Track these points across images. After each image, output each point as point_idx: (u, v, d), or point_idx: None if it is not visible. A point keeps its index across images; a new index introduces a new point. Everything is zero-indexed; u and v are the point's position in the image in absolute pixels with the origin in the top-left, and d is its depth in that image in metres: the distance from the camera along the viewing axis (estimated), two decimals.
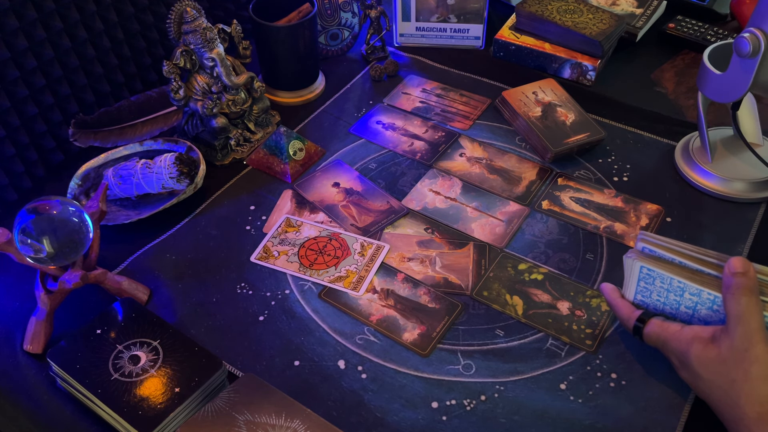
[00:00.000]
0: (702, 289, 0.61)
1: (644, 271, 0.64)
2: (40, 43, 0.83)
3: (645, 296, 0.65)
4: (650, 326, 0.64)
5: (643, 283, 0.65)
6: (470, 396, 0.66)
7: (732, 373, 0.57)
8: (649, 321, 0.64)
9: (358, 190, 0.88)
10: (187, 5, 0.84)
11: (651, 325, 0.64)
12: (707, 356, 0.58)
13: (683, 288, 0.62)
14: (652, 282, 0.64)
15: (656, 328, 0.63)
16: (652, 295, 0.65)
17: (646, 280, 0.64)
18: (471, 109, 1.00)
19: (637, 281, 0.65)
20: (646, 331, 0.64)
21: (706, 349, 0.58)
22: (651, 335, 0.64)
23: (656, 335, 0.63)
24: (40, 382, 0.68)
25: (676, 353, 0.61)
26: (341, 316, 0.74)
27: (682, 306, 0.63)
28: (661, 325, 0.63)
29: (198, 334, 0.72)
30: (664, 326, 0.63)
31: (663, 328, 0.63)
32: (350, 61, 1.11)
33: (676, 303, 0.63)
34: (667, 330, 0.62)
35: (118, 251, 0.80)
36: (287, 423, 0.59)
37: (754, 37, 0.73)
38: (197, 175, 0.84)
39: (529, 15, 1.05)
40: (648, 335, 0.64)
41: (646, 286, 0.65)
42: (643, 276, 0.64)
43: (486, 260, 0.79)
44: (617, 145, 0.93)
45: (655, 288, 0.64)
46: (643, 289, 0.65)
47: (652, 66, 1.07)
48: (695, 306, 0.62)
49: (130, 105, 0.92)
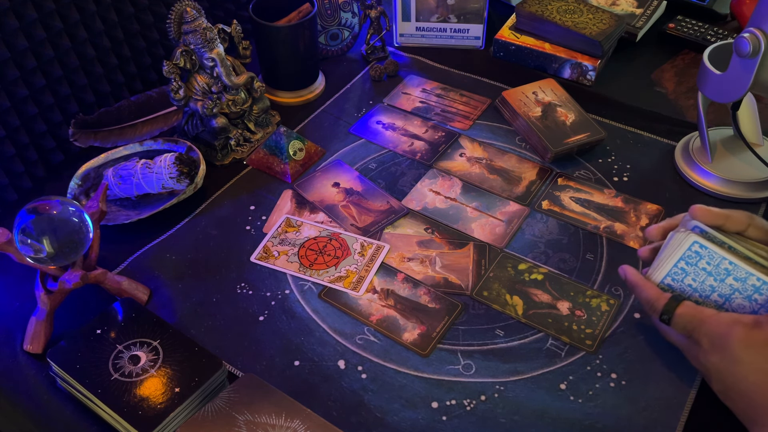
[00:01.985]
0: (752, 273, 0.59)
1: (694, 248, 0.61)
2: (40, 43, 0.83)
3: (676, 278, 0.63)
4: (684, 307, 0.62)
5: (683, 263, 0.62)
6: (470, 396, 0.66)
7: None
8: (682, 302, 0.62)
9: (358, 190, 0.88)
10: (187, 5, 0.84)
11: (685, 306, 0.62)
12: (753, 339, 0.57)
13: (729, 272, 0.60)
14: (695, 262, 0.62)
15: (691, 309, 0.61)
16: (686, 278, 0.63)
17: (689, 260, 0.62)
18: (471, 109, 1.00)
19: (677, 260, 0.62)
20: (680, 311, 0.62)
21: (751, 332, 0.57)
22: (684, 316, 0.61)
23: (690, 316, 0.61)
24: (40, 382, 0.68)
25: (712, 336, 0.60)
26: (341, 316, 0.74)
27: (714, 293, 0.62)
28: (695, 307, 0.61)
29: (198, 334, 0.72)
30: (698, 308, 0.61)
31: (698, 311, 0.61)
32: (350, 61, 1.11)
33: (710, 289, 0.62)
34: (702, 312, 0.61)
35: (118, 251, 0.81)
36: (287, 423, 0.59)
37: (754, 37, 0.73)
38: (197, 175, 0.84)
39: (529, 15, 1.05)
40: (681, 315, 0.62)
41: (685, 266, 0.62)
42: (689, 255, 0.62)
43: (486, 260, 0.79)
44: (617, 145, 0.93)
45: (694, 270, 0.62)
46: (679, 270, 0.63)
47: (652, 66, 1.07)
48: (731, 294, 0.61)
49: (130, 105, 0.92)
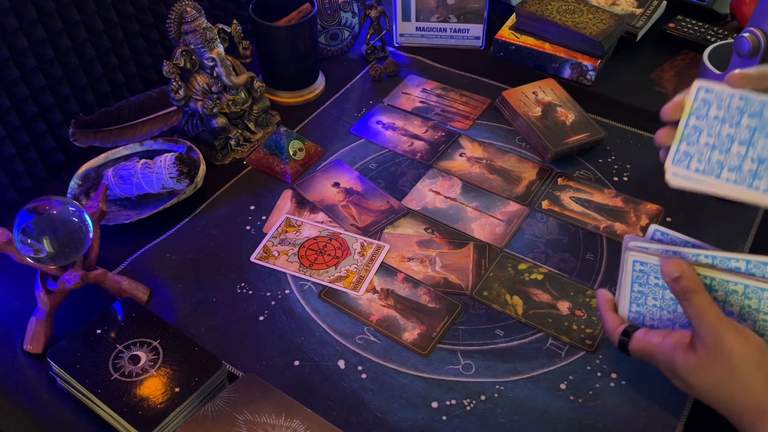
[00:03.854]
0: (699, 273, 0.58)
1: (637, 267, 0.62)
2: (40, 43, 0.83)
3: (640, 304, 0.63)
4: (634, 341, 0.61)
5: (636, 285, 0.63)
6: (470, 396, 0.66)
7: (717, 373, 0.56)
8: (633, 335, 0.61)
9: (358, 190, 0.88)
10: (187, 5, 0.84)
11: (634, 340, 0.61)
12: (690, 364, 0.57)
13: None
14: (645, 281, 0.62)
15: (640, 342, 0.61)
16: (648, 299, 0.63)
17: (639, 281, 0.62)
18: (471, 109, 1.00)
19: (630, 285, 0.63)
20: (631, 347, 0.61)
21: (686, 357, 0.57)
22: (636, 350, 0.61)
23: (641, 349, 0.61)
24: (40, 382, 0.68)
25: (663, 364, 0.60)
26: (341, 316, 0.74)
27: (678, 305, 0.62)
28: (643, 339, 0.61)
29: (198, 334, 0.72)
30: (646, 339, 0.60)
31: (646, 341, 0.60)
32: (350, 61, 1.11)
33: (672, 302, 0.62)
34: (650, 342, 0.60)
35: (118, 251, 0.81)
36: (287, 423, 0.59)
37: (754, 37, 0.73)
38: (197, 175, 0.84)
39: (529, 15, 1.05)
40: (634, 351, 0.61)
41: (641, 289, 0.63)
42: (637, 276, 0.62)
43: (486, 260, 0.79)
44: (617, 145, 0.93)
45: (650, 288, 0.62)
46: (638, 294, 0.63)
47: (652, 66, 1.07)
48: None
49: (130, 105, 0.92)
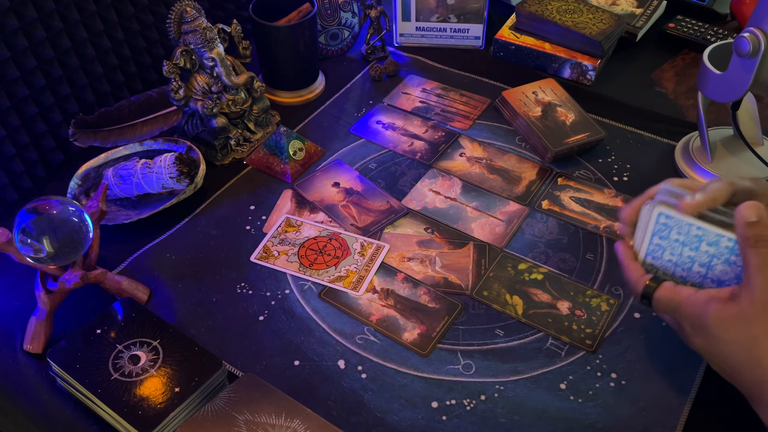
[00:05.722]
0: (722, 234, 0.58)
1: (661, 220, 0.60)
2: (40, 43, 0.83)
3: (656, 257, 0.62)
4: (662, 290, 0.59)
5: (656, 238, 0.61)
6: (470, 396, 0.66)
7: (755, 329, 0.53)
8: (661, 284, 0.60)
9: (358, 190, 0.88)
10: (187, 5, 0.84)
11: (663, 288, 0.59)
12: (727, 315, 0.55)
13: (701, 238, 0.59)
14: (667, 235, 0.61)
15: (668, 292, 0.59)
16: (665, 254, 0.62)
17: (661, 234, 0.61)
18: (471, 109, 1.00)
19: (651, 236, 0.61)
20: (657, 295, 0.59)
21: (725, 307, 0.55)
22: (662, 300, 0.59)
23: (668, 300, 0.59)
24: (40, 382, 0.68)
25: (690, 318, 0.58)
26: (341, 316, 0.74)
27: (695, 264, 0.60)
28: (672, 289, 0.59)
29: (198, 334, 0.72)
30: (676, 290, 0.59)
31: (675, 293, 0.59)
32: (350, 61, 1.11)
33: (689, 261, 0.60)
34: (679, 294, 0.58)
35: (118, 251, 0.81)
36: (287, 423, 0.59)
37: (754, 36, 0.73)
38: (197, 175, 0.84)
39: (529, 15, 1.05)
40: (659, 300, 0.59)
41: (660, 242, 0.61)
42: (659, 228, 0.61)
43: (486, 260, 0.79)
44: (617, 145, 0.93)
45: (669, 243, 0.61)
46: (655, 247, 0.62)
47: (652, 66, 1.07)
48: (710, 261, 0.60)
49: (130, 105, 0.92)
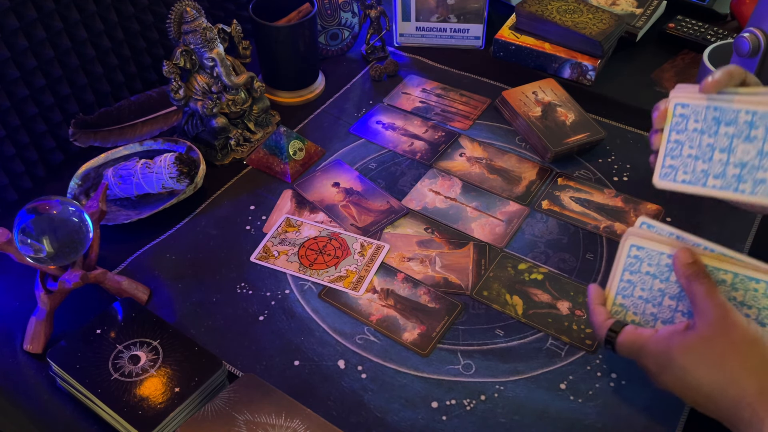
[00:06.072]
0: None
1: (633, 252, 0.62)
2: (40, 43, 0.83)
3: (626, 295, 0.63)
4: (624, 335, 0.61)
5: (627, 274, 0.63)
6: (470, 396, 0.66)
7: (718, 347, 0.55)
8: (624, 329, 0.61)
9: (358, 190, 0.88)
10: (187, 5, 0.85)
11: (624, 333, 0.61)
12: (690, 342, 0.57)
13: (671, 267, 0.60)
14: (638, 269, 0.62)
15: (630, 335, 0.61)
16: (635, 290, 0.63)
17: (632, 268, 0.62)
18: (471, 109, 1.00)
19: (621, 272, 0.63)
20: (620, 340, 0.61)
21: (686, 336, 0.57)
22: (625, 343, 0.61)
23: (631, 342, 0.60)
24: (40, 382, 0.68)
25: (655, 355, 0.59)
26: (341, 316, 0.74)
27: (666, 297, 0.62)
28: (634, 332, 0.61)
29: (198, 334, 0.72)
30: (638, 332, 0.61)
31: (637, 335, 0.60)
32: (350, 61, 1.11)
33: (660, 294, 0.62)
34: (642, 335, 0.60)
35: (118, 251, 0.81)
36: (287, 423, 0.59)
37: (754, 37, 0.73)
38: (197, 175, 0.84)
39: (529, 15, 1.05)
40: (622, 344, 0.61)
41: (630, 278, 0.63)
42: (630, 263, 0.62)
43: (486, 260, 0.79)
44: (617, 145, 0.93)
45: (640, 278, 0.62)
46: (626, 284, 0.63)
47: (652, 66, 1.07)
48: (680, 292, 0.61)
49: (130, 105, 0.92)
